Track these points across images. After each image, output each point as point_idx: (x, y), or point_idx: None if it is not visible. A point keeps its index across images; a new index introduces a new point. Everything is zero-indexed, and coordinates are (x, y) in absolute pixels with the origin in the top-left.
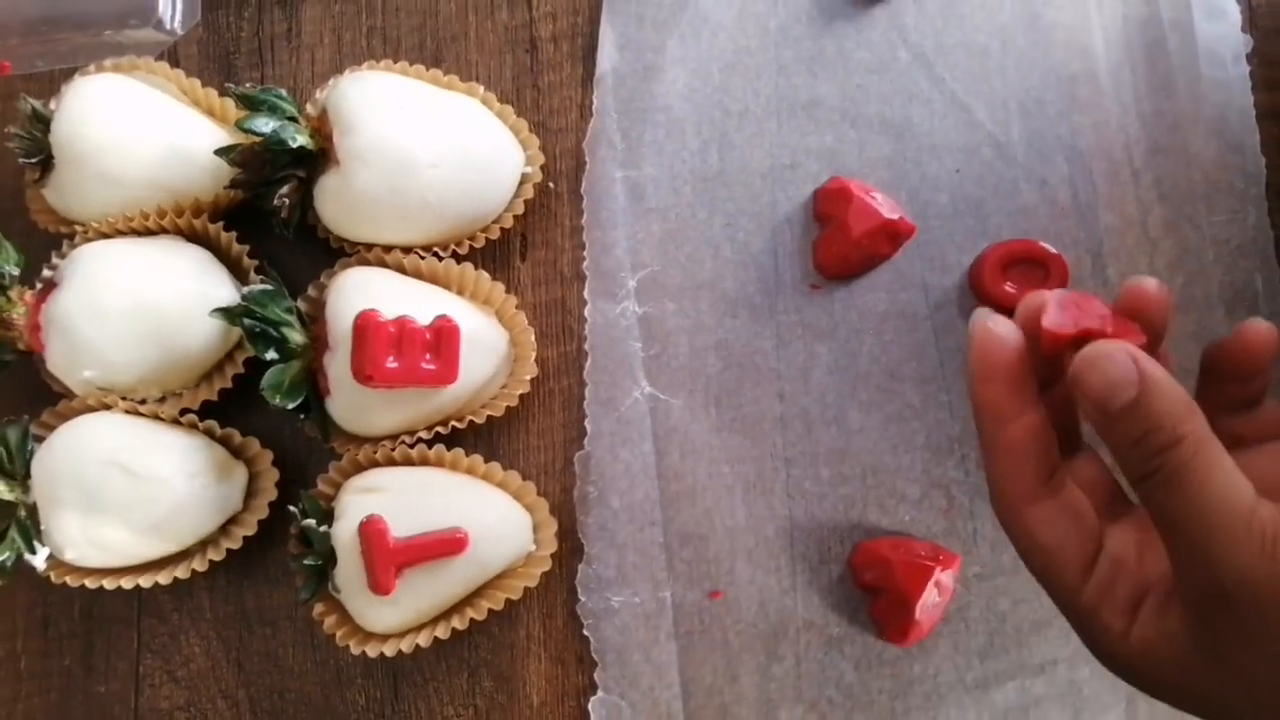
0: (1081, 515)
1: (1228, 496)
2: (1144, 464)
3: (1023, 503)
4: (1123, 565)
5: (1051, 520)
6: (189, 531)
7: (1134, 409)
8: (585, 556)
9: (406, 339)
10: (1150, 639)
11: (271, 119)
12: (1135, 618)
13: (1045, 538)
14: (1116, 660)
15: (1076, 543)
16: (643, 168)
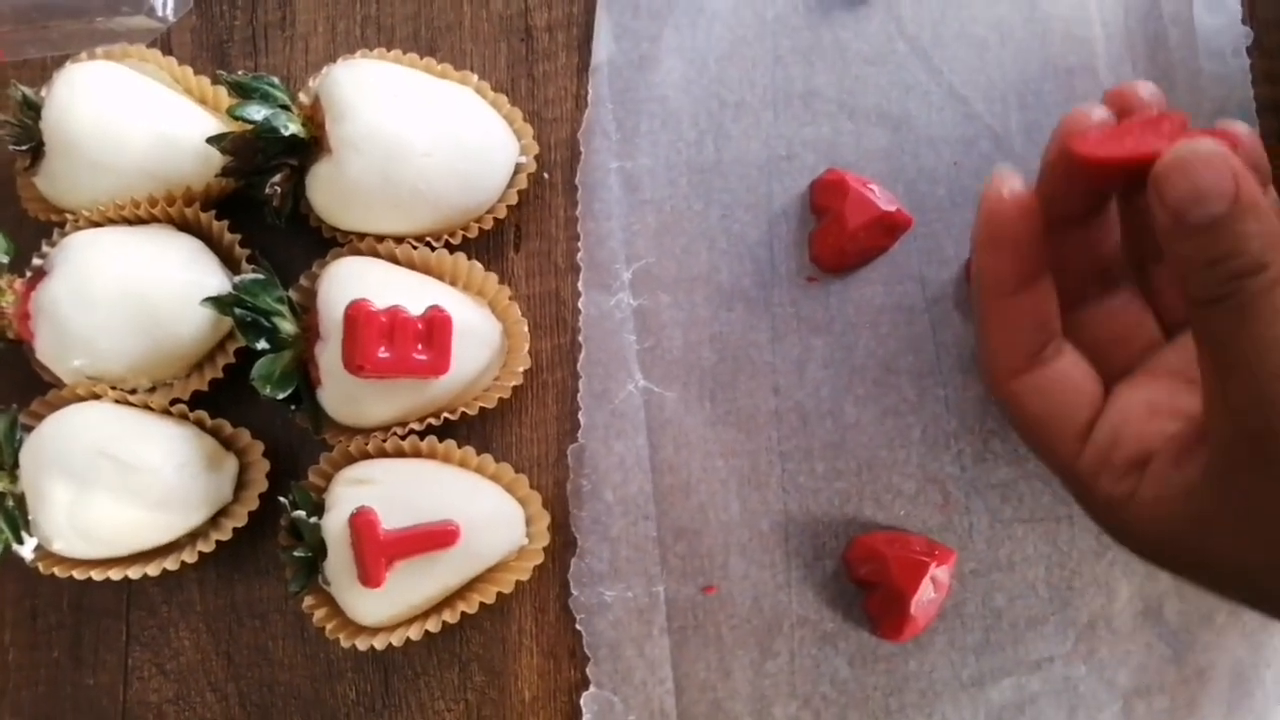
0: (1076, 383)
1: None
2: (1216, 287)
3: (1013, 375)
4: (1126, 427)
5: (1043, 391)
6: (178, 522)
7: (1220, 226)
8: (578, 550)
9: (398, 329)
10: (1161, 496)
11: (264, 107)
12: (1141, 479)
13: (1036, 409)
14: (1119, 526)
15: (1070, 412)
16: (638, 159)
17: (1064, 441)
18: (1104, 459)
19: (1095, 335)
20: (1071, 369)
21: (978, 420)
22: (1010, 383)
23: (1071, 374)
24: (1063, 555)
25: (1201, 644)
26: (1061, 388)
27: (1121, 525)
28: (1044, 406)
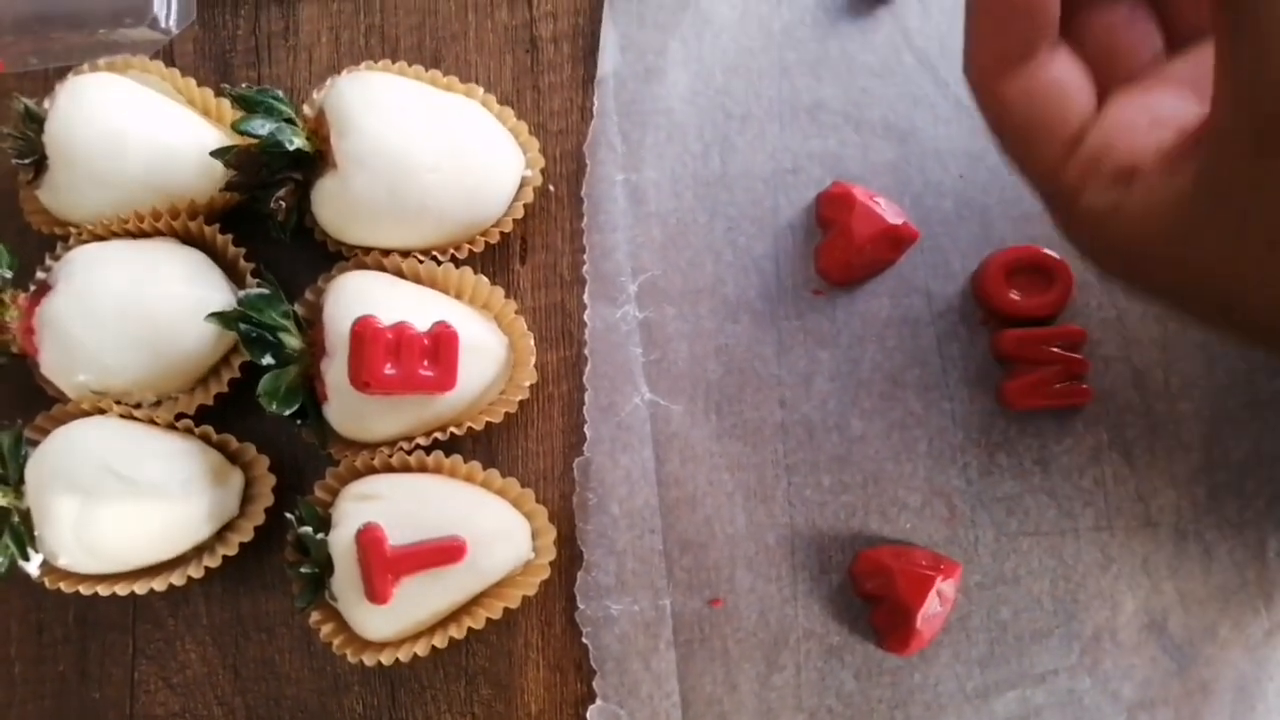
0: (1069, 87)
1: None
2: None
3: (1000, 74)
4: (1119, 136)
5: (1032, 93)
6: (185, 538)
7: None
8: (584, 563)
9: (405, 346)
10: (1150, 204)
11: (268, 121)
12: (1129, 190)
13: (1023, 112)
14: (1098, 242)
15: (1060, 118)
16: (643, 171)
17: (1050, 148)
18: (1092, 168)
19: (1094, 43)
20: (1066, 72)
21: (984, 434)
22: (996, 82)
23: (1065, 78)
24: (1068, 569)
25: (1205, 657)
26: (1052, 90)
27: (1101, 240)
28: (1032, 110)
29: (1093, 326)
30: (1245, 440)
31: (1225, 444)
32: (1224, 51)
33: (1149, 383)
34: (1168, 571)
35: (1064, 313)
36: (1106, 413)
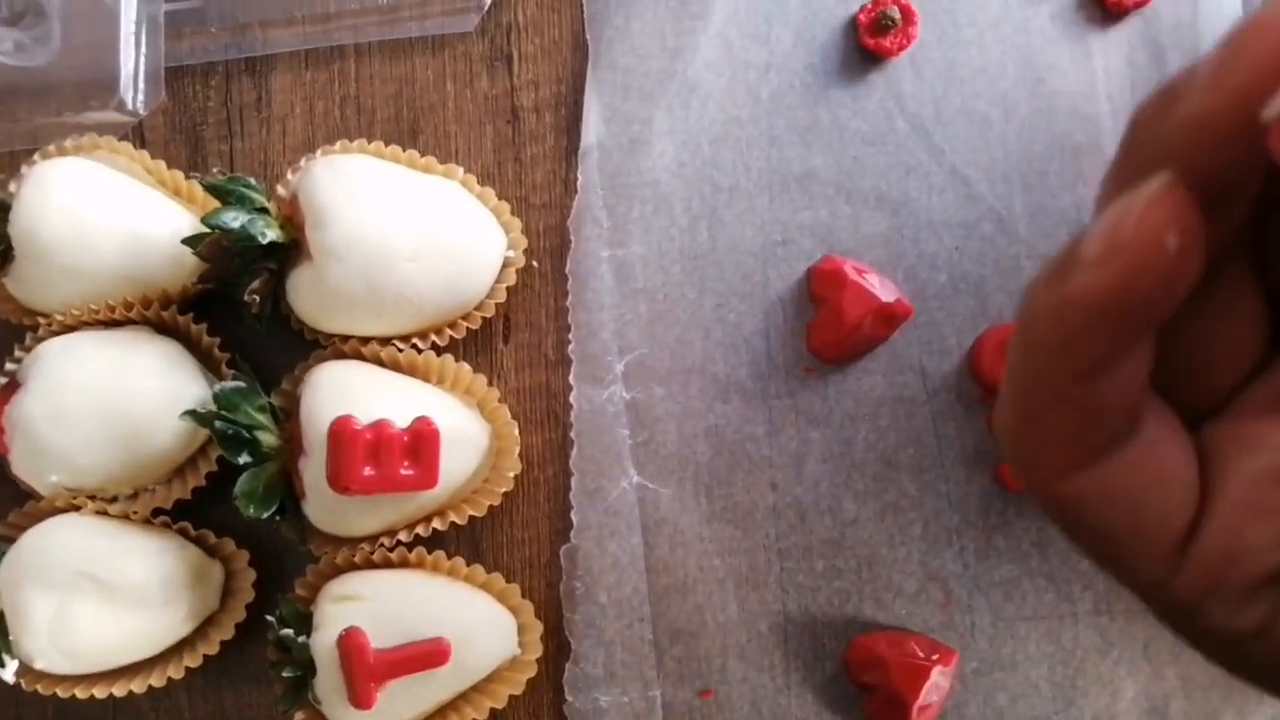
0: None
1: None
2: None
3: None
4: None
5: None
6: (164, 637)
7: None
8: (572, 655)
9: (384, 446)
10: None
11: (240, 212)
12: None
13: (1106, 517)
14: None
15: (1158, 517)
16: (630, 246)
17: (1150, 559)
18: (1215, 578)
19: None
20: (1159, 451)
21: (980, 515)
22: (1066, 483)
23: (1159, 460)
24: (1066, 654)
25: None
26: (1144, 483)
27: (1245, 661)
28: (1118, 514)
29: None
30: None
31: None
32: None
33: None
34: (1169, 657)
35: None
36: None
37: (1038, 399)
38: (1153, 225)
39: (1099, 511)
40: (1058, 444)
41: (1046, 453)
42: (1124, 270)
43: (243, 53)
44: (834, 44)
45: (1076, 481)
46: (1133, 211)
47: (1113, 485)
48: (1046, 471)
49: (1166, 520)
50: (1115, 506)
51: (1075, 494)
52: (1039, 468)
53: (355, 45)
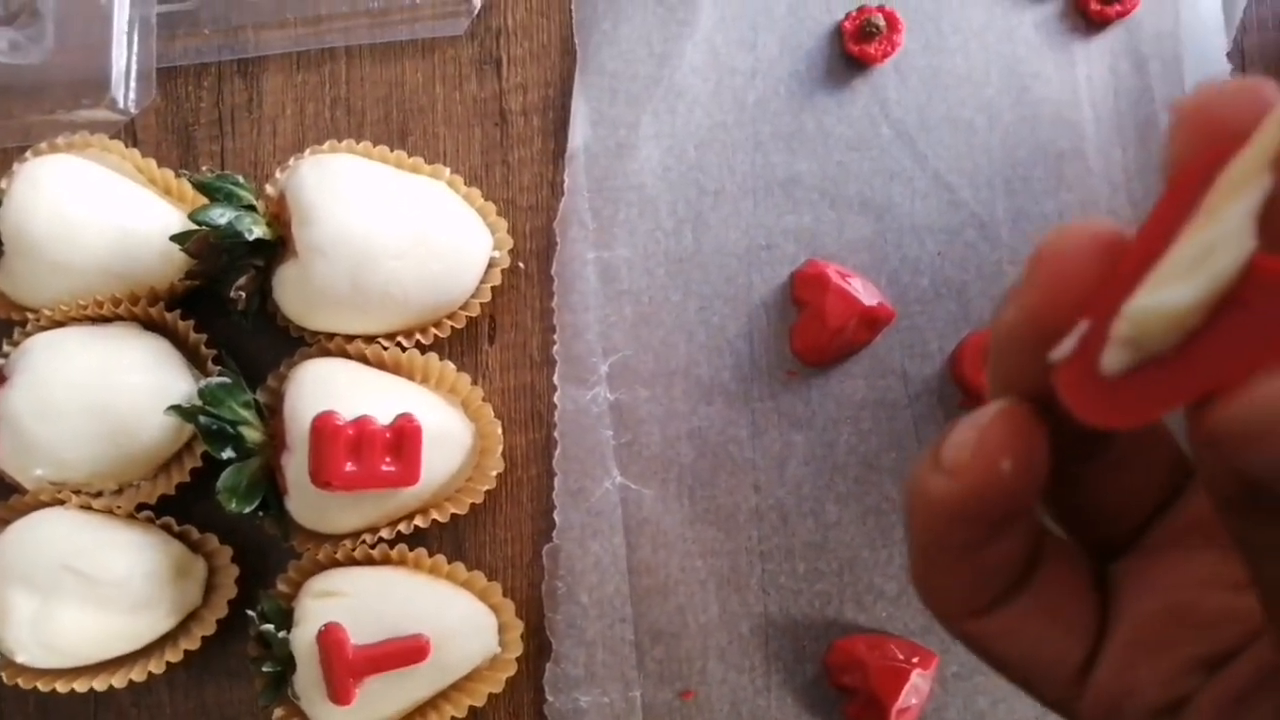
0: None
1: None
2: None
3: (969, 617)
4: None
5: (1014, 632)
6: (146, 632)
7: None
8: (553, 655)
9: (366, 442)
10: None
11: (227, 208)
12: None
13: (1007, 652)
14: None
15: (1054, 658)
16: (615, 249)
17: (1052, 688)
18: (1111, 710)
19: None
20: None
21: None
22: (967, 624)
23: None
24: None
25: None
26: (1039, 625)
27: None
28: (1017, 650)
29: None
30: None
31: None
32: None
33: None
34: None
35: None
36: None
37: (928, 561)
38: (987, 450)
39: (1000, 648)
40: (954, 595)
41: (946, 600)
42: (968, 487)
43: (235, 54)
44: (819, 51)
45: (977, 624)
46: (969, 437)
47: (1010, 628)
48: (949, 614)
49: (1063, 656)
50: (1014, 644)
51: (977, 634)
52: (942, 611)
53: (346, 48)
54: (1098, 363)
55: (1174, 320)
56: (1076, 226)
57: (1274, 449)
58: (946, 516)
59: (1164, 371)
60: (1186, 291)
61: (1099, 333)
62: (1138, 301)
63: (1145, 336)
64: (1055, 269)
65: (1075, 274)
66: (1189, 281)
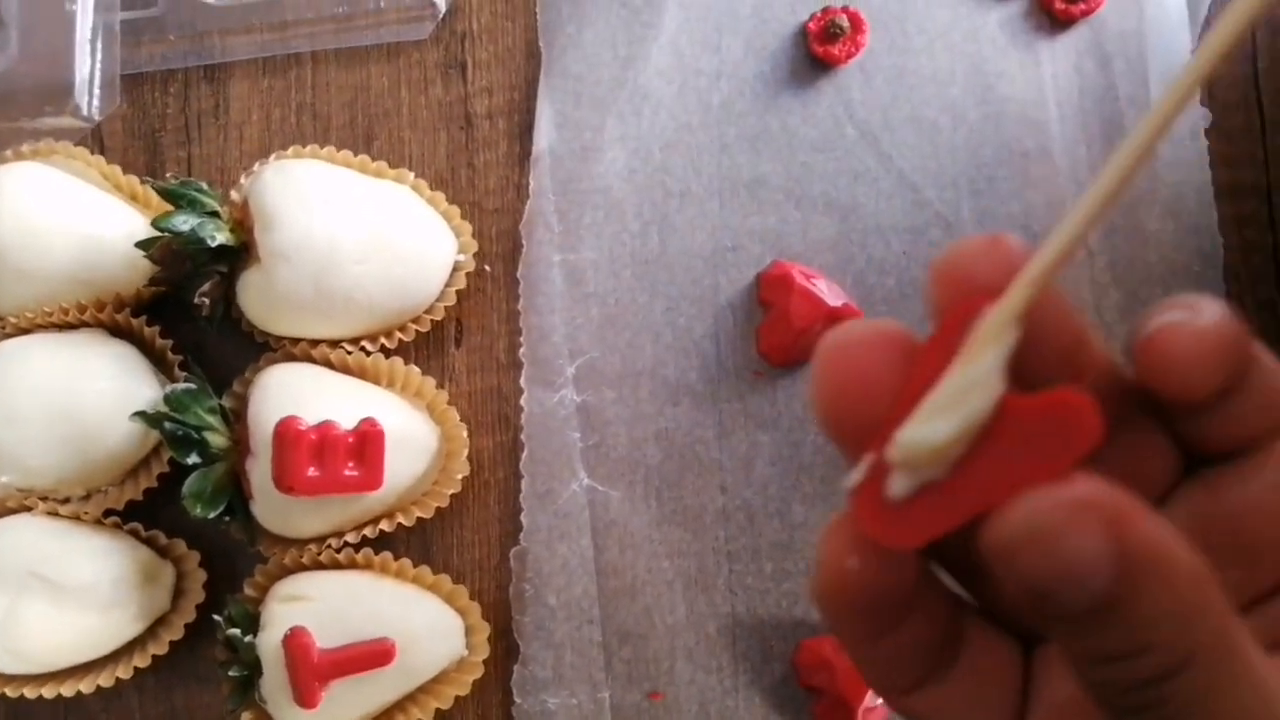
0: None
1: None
2: (1128, 697)
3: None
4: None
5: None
6: (114, 637)
7: (1110, 609)
8: (521, 657)
9: (328, 447)
10: None
11: (190, 215)
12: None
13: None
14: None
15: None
16: (581, 251)
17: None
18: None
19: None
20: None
21: None
22: (899, 700)
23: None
24: None
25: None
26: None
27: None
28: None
29: None
30: None
31: None
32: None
33: None
34: None
35: None
36: None
37: (846, 644)
38: (833, 551)
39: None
40: (878, 674)
41: (873, 678)
42: (824, 584)
43: (201, 60)
44: (784, 52)
45: (906, 701)
46: (822, 538)
47: (937, 706)
48: (879, 691)
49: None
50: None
51: (910, 709)
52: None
53: (312, 53)
54: (885, 488)
55: (938, 452)
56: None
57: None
58: (825, 610)
59: (939, 496)
60: (946, 428)
61: (879, 469)
62: (905, 434)
63: (916, 465)
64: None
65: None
66: (949, 419)
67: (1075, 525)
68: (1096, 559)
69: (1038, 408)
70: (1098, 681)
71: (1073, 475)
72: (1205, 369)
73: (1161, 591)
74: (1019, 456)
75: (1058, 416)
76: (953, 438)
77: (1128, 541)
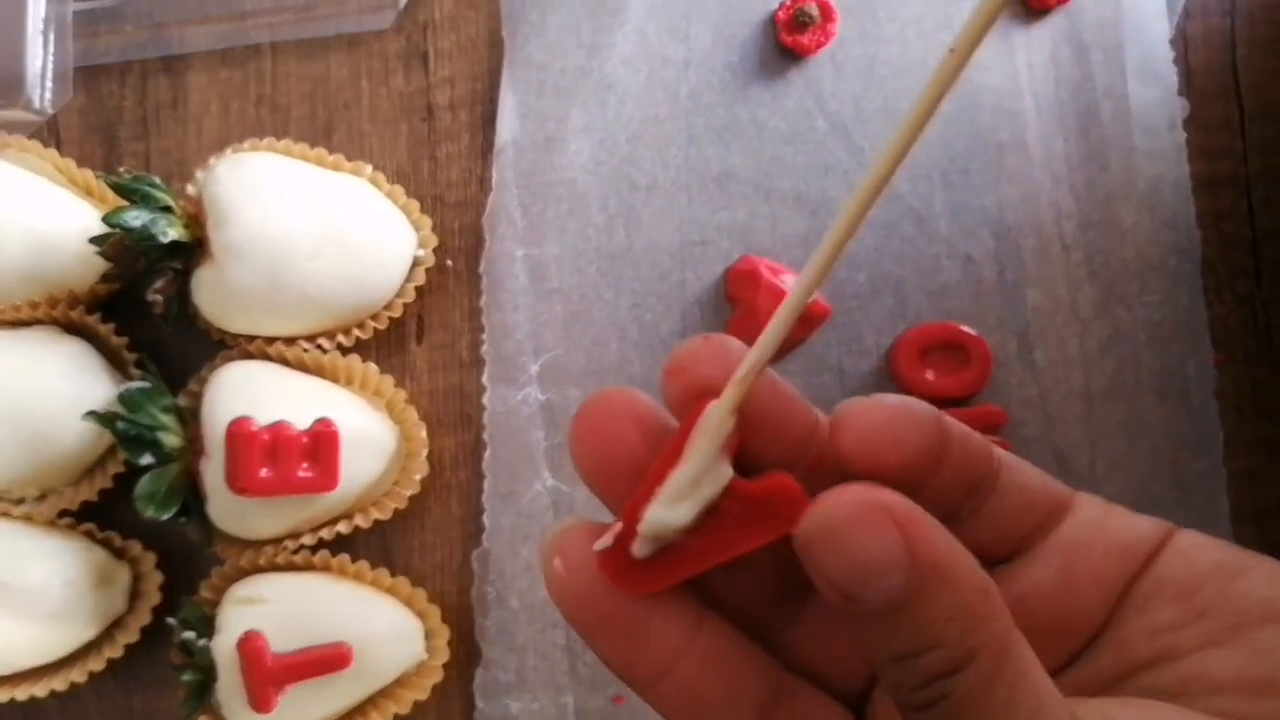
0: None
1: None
2: (917, 693)
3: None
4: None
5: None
6: (68, 640)
7: (903, 609)
8: (483, 661)
9: (282, 447)
10: None
11: (143, 211)
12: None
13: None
14: None
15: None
16: (545, 245)
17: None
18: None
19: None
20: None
21: None
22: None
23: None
24: None
25: None
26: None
27: None
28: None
29: (1013, 406)
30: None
31: None
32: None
33: (1072, 465)
34: None
35: (983, 392)
36: None
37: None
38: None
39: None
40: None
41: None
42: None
43: (159, 51)
44: (753, 41)
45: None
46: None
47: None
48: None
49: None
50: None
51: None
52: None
53: (271, 44)
54: (630, 548)
55: (677, 527)
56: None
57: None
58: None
59: (675, 554)
60: (686, 511)
61: (629, 528)
62: (652, 515)
63: (659, 536)
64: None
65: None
66: (688, 503)
67: (869, 521)
68: (891, 556)
69: (757, 490)
70: (894, 681)
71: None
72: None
73: (948, 594)
74: (740, 528)
75: (771, 497)
76: (690, 516)
77: (918, 543)
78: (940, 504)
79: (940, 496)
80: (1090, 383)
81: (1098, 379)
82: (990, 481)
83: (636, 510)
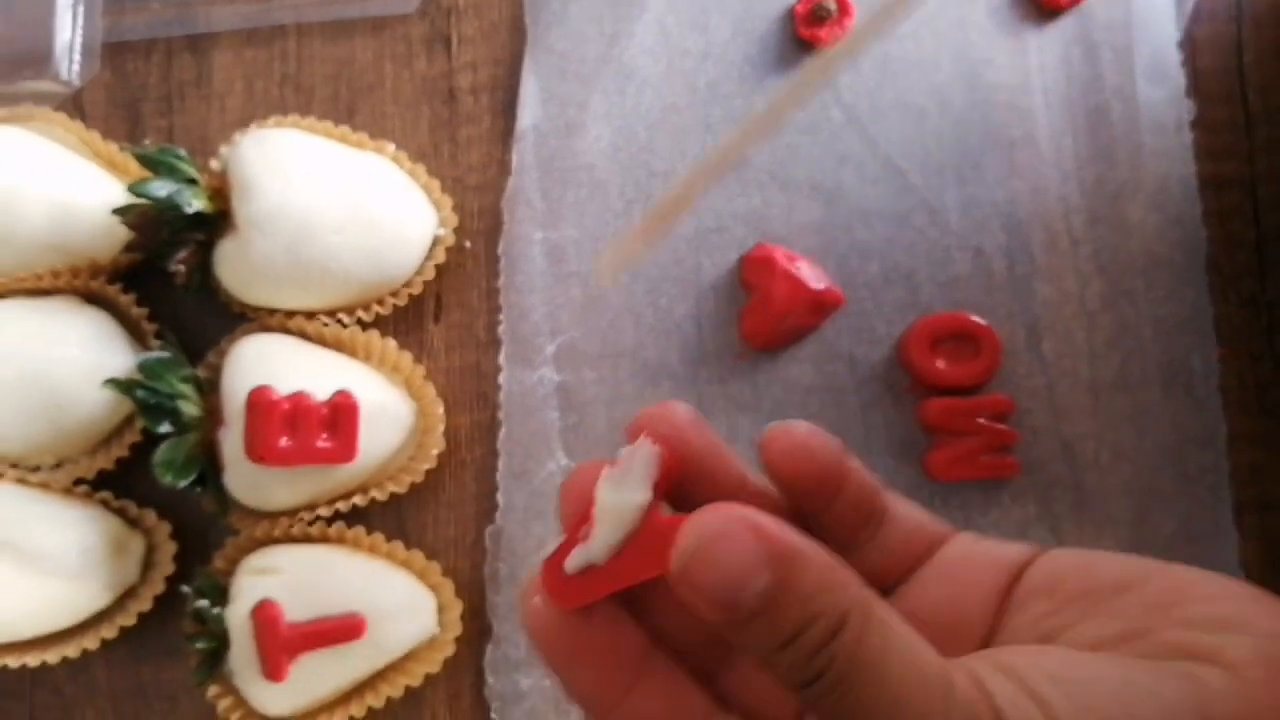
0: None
1: (914, 678)
2: (806, 668)
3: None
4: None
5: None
6: (82, 608)
7: (775, 600)
8: (494, 637)
9: (301, 417)
10: None
11: (168, 182)
12: None
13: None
14: None
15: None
16: (563, 229)
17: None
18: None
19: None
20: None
21: None
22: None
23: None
24: None
25: None
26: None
27: None
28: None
29: (1021, 396)
30: (1174, 516)
31: (1154, 519)
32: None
33: (1078, 455)
34: None
35: (992, 382)
36: (1034, 485)
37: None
38: (529, 593)
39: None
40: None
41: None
42: (526, 617)
43: (185, 30)
44: (771, 34)
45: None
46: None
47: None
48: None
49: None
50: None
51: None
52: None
53: (296, 25)
54: (564, 564)
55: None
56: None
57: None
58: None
59: (596, 574)
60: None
61: (566, 547)
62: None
63: (587, 558)
64: (574, 508)
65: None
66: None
67: (730, 533)
68: (756, 557)
69: (665, 524)
70: (785, 667)
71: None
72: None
73: (810, 573)
74: (646, 556)
75: (674, 531)
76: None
77: (771, 540)
78: (839, 533)
79: (839, 525)
80: (1097, 375)
81: (1104, 371)
82: (880, 514)
83: (576, 530)
